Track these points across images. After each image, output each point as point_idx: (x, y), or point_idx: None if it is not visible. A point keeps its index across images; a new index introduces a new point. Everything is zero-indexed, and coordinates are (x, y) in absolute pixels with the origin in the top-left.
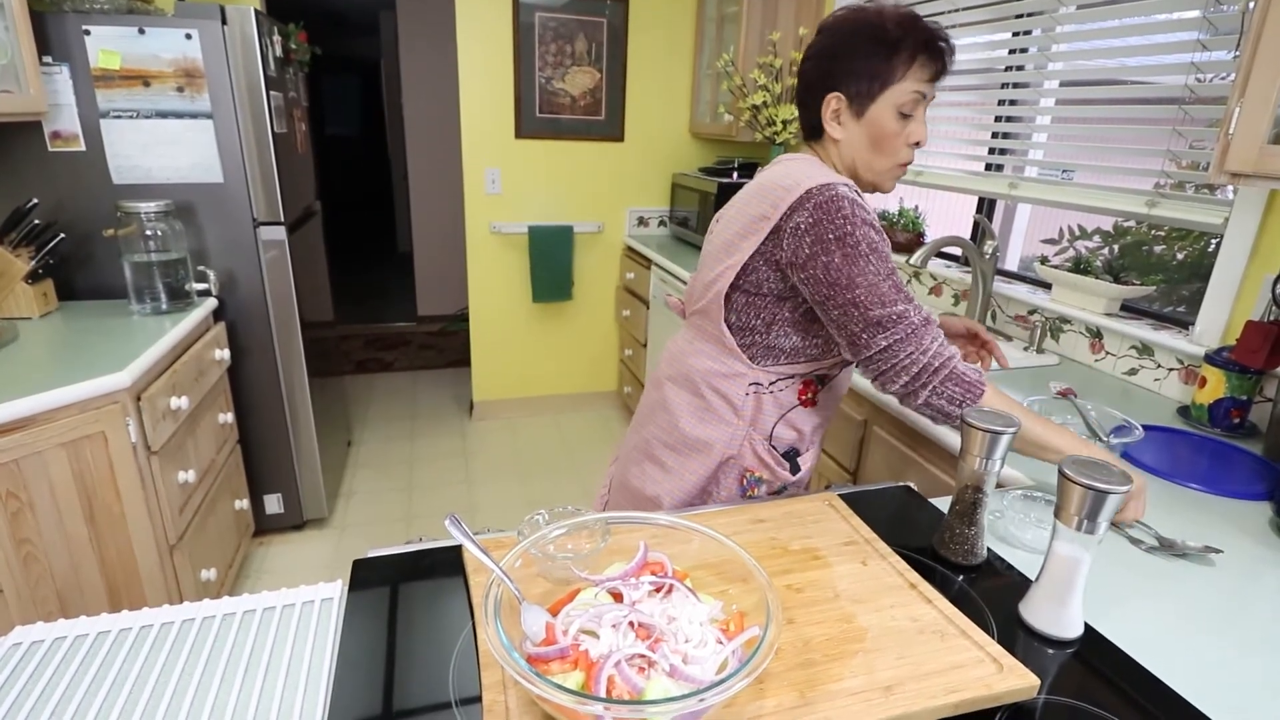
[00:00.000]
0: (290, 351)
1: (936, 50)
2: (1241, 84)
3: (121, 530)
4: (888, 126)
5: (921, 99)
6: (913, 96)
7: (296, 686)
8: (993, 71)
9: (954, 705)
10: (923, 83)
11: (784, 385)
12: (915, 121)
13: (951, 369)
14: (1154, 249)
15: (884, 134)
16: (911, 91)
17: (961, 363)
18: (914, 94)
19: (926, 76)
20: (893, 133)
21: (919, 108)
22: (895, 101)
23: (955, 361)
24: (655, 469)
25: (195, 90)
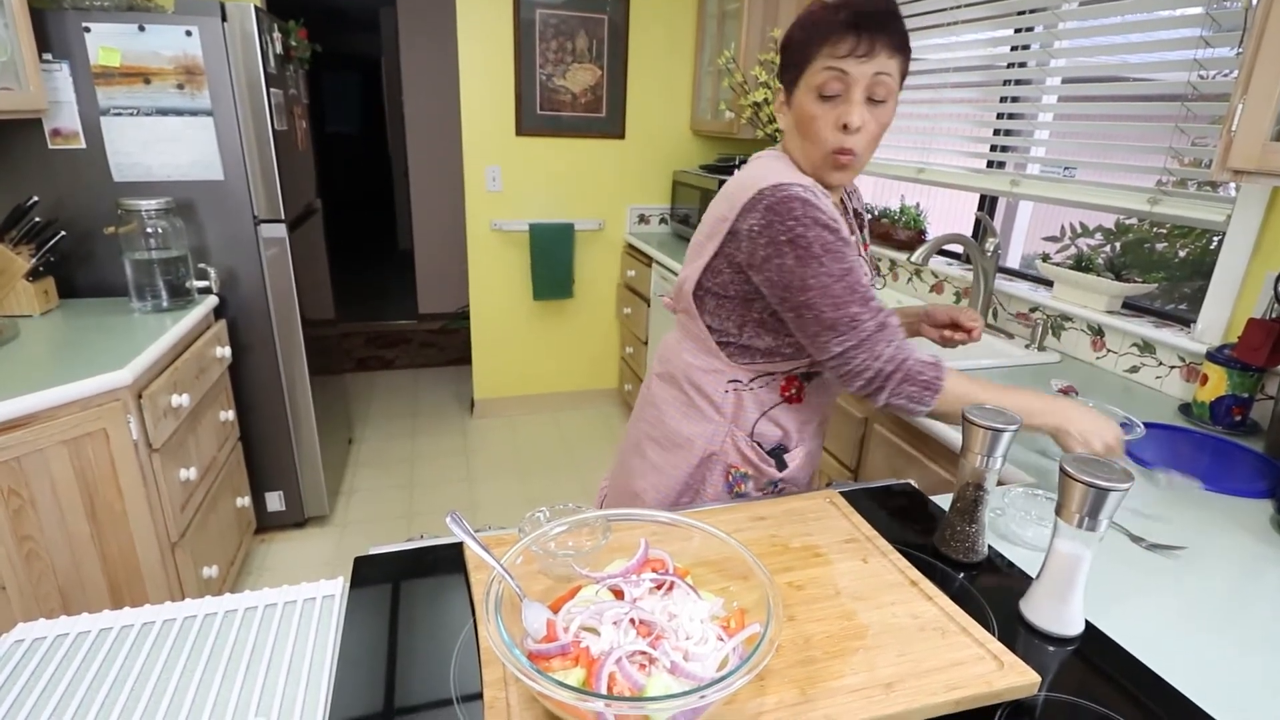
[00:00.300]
0: (291, 349)
1: (848, 24)
2: (1244, 81)
3: (123, 527)
4: (806, 110)
5: (841, 76)
6: (827, 75)
7: (298, 683)
8: (995, 68)
9: (954, 702)
10: (837, 59)
11: (764, 383)
12: (844, 103)
13: (906, 371)
14: (1156, 246)
15: (804, 118)
16: (823, 69)
17: (918, 362)
18: (827, 71)
19: (841, 53)
20: (811, 116)
21: (850, 89)
22: (812, 83)
23: (910, 363)
24: (642, 464)
25: (195, 87)
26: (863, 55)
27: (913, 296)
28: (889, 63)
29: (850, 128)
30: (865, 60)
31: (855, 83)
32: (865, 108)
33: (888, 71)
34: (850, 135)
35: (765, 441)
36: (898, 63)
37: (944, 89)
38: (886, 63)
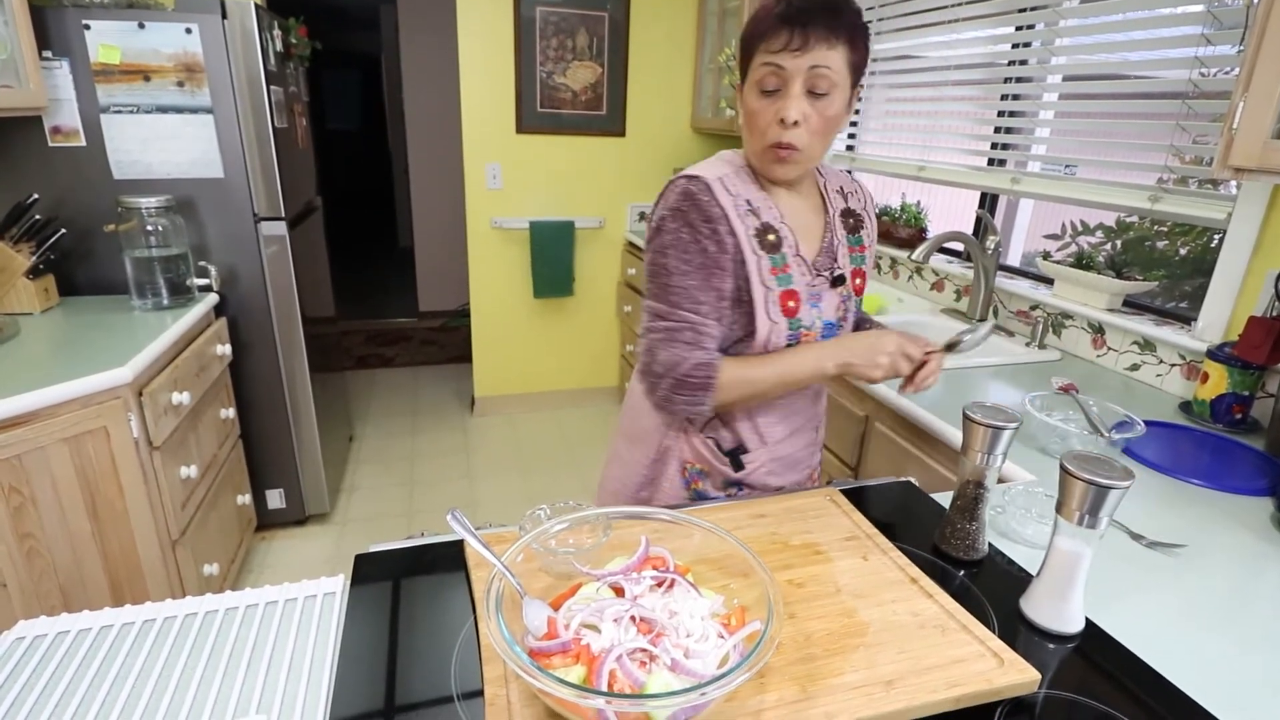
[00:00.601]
0: (291, 347)
1: (781, 18)
2: (1245, 79)
3: (124, 525)
4: (749, 105)
5: (777, 71)
6: (764, 70)
7: (299, 681)
8: (996, 66)
9: (954, 699)
10: (772, 54)
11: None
12: (784, 98)
13: (677, 377)
14: (1157, 244)
15: (748, 113)
16: (762, 65)
17: (692, 366)
18: (764, 67)
19: (775, 48)
20: (752, 110)
21: (787, 83)
22: (754, 79)
23: (682, 369)
24: (612, 456)
25: (195, 85)
26: (796, 49)
27: (914, 294)
28: (828, 55)
29: (786, 122)
30: (799, 54)
31: (792, 77)
32: (805, 102)
33: (826, 64)
34: (789, 130)
35: (724, 441)
36: (840, 54)
37: (945, 86)
38: (825, 55)
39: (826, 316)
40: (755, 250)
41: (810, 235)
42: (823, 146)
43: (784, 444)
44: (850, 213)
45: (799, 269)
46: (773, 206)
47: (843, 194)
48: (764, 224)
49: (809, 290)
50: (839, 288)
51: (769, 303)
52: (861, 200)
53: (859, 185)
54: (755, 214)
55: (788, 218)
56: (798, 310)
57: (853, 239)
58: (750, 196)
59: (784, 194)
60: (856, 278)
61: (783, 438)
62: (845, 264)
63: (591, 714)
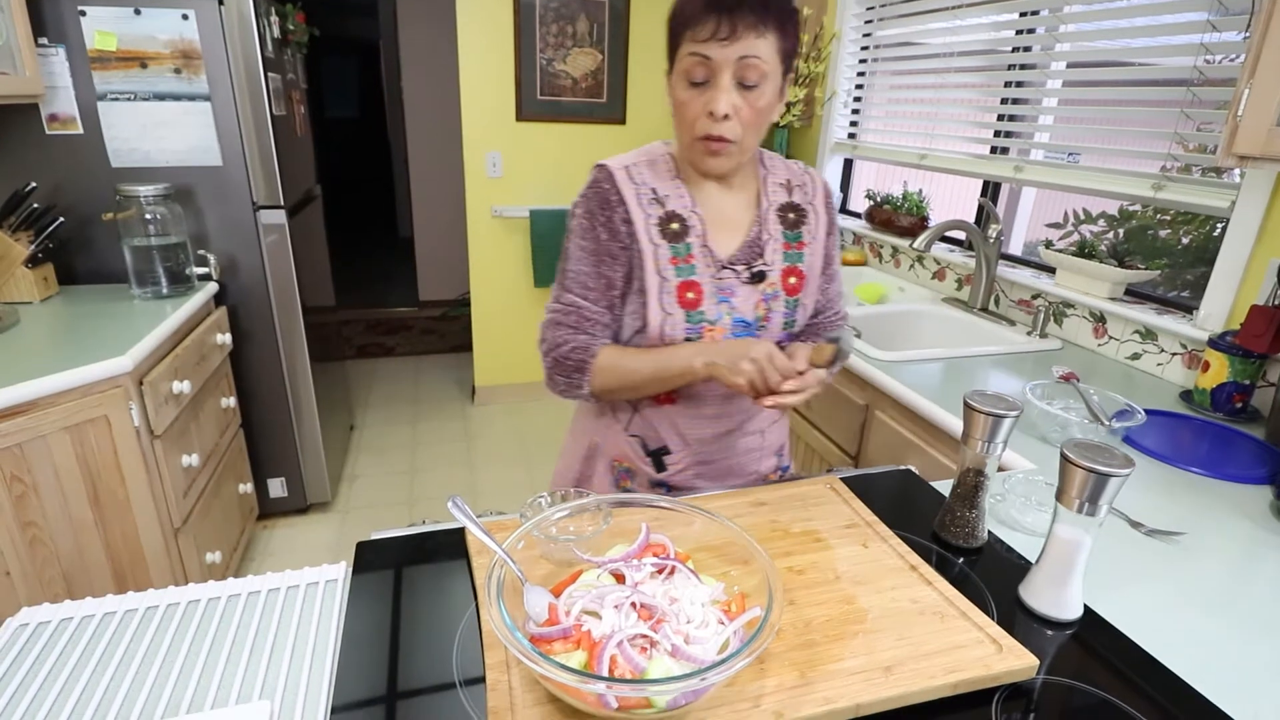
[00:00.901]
0: (292, 336)
1: (707, 6)
2: (1251, 65)
3: (126, 513)
4: (676, 95)
5: (704, 62)
6: (691, 61)
7: (301, 667)
8: (999, 53)
9: (953, 685)
10: (699, 44)
11: None
12: (713, 89)
13: (554, 358)
14: (1159, 233)
15: (676, 104)
16: (689, 55)
17: (571, 349)
18: (691, 57)
19: (702, 37)
20: (680, 101)
21: (716, 74)
22: (681, 68)
23: (562, 350)
24: (561, 450)
25: (193, 72)
26: (724, 39)
27: (915, 283)
28: (757, 44)
29: (716, 115)
30: (728, 43)
31: (720, 68)
32: (736, 93)
33: (755, 54)
34: (719, 123)
35: (649, 441)
36: (769, 43)
37: (947, 74)
38: (754, 44)
39: (741, 314)
40: (653, 239)
41: (732, 228)
42: (756, 137)
43: (712, 447)
44: (792, 206)
45: (704, 260)
46: (684, 195)
47: (787, 187)
48: (669, 213)
49: (715, 284)
50: (759, 284)
51: (664, 293)
52: (810, 194)
53: (811, 178)
54: (660, 203)
55: (705, 208)
56: (699, 303)
57: (790, 235)
58: (658, 185)
59: (708, 185)
60: (791, 276)
61: (709, 440)
62: (775, 261)
63: (593, 699)
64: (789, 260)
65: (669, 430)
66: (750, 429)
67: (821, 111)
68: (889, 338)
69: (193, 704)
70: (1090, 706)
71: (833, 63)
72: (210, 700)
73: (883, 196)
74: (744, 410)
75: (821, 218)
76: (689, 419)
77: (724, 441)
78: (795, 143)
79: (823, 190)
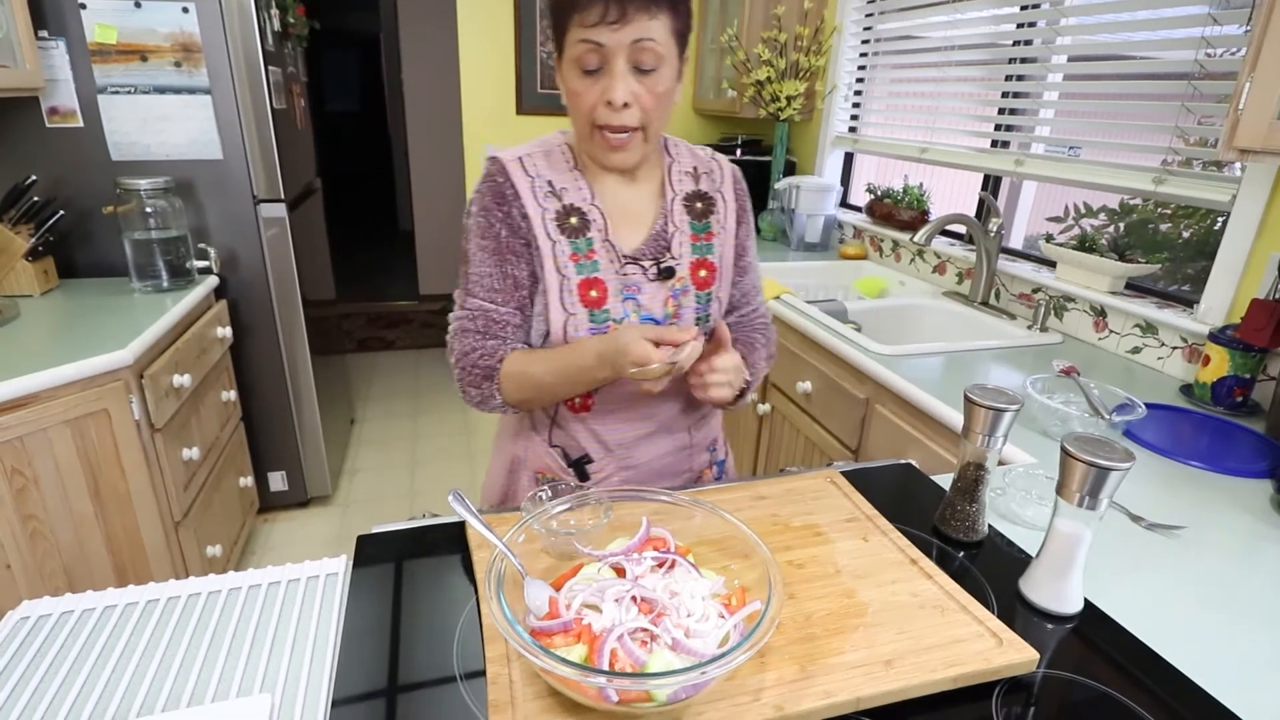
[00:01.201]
0: (292, 329)
1: None
2: (1252, 59)
3: (127, 507)
4: (569, 85)
5: (596, 49)
6: (582, 48)
7: (302, 660)
8: (999, 46)
9: (953, 679)
10: (588, 29)
11: None
12: (607, 77)
13: (463, 368)
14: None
15: (569, 94)
16: (578, 42)
17: (478, 358)
18: (582, 44)
19: (591, 21)
20: (574, 92)
21: (609, 60)
22: (571, 55)
23: (469, 360)
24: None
25: (193, 65)
26: (614, 22)
27: (915, 277)
28: (650, 25)
29: (615, 104)
30: (619, 27)
31: (614, 53)
32: (633, 79)
33: (649, 36)
34: (619, 112)
35: (570, 450)
36: (663, 23)
37: (948, 67)
38: (647, 26)
39: (650, 311)
40: (551, 235)
41: (636, 221)
42: (659, 124)
43: (636, 451)
44: (700, 195)
45: (607, 256)
46: (583, 188)
47: (694, 175)
48: (567, 206)
49: (620, 280)
50: (667, 280)
51: (564, 291)
52: (717, 181)
53: (720, 164)
54: (557, 196)
55: (606, 201)
56: (603, 301)
57: (698, 225)
58: (555, 178)
59: (609, 176)
60: (701, 269)
61: (631, 444)
62: (684, 254)
63: (593, 693)
64: (698, 253)
65: (588, 438)
66: (675, 428)
67: (822, 105)
68: (889, 332)
69: (193, 697)
70: (1090, 700)
71: (833, 56)
72: (211, 694)
73: (883, 190)
74: (664, 409)
75: (730, 206)
76: (607, 425)
77: (647, 444)
78: (796, 136)
79: (731, 176)
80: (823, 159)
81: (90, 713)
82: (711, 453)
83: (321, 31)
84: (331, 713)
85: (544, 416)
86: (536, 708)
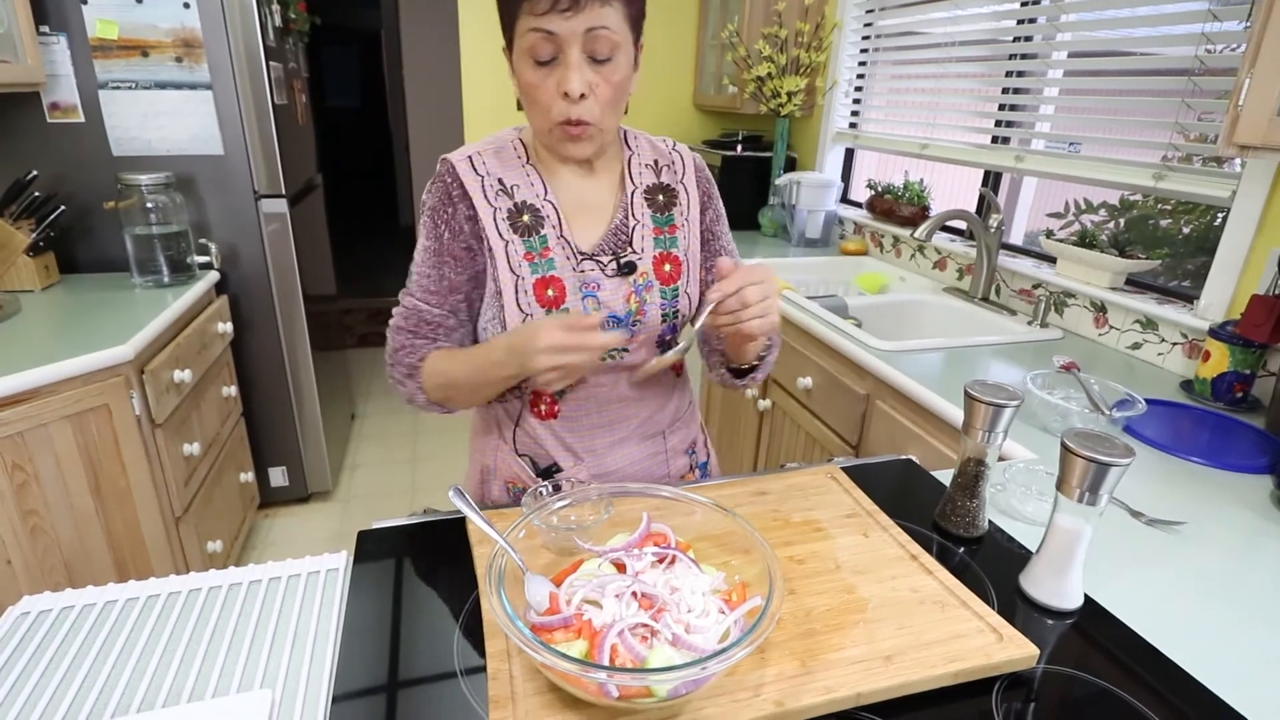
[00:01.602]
0: (293, 325)
1: None
2: (1252, 55)
3: (127, 502)
4: (523, 77)
5: (549, 38)
6: (534, 38)
7: (303, 656)
8: (1000, 42)
9: (954, 674)
10: (538, 17)
11: (513, 394)
12: (562, 67)
13: (391, 363)
14: (1160, 223)
15: (524, 86)
16: (530, 31)
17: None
18: (533, 35)
19: (541, 9)
20: (529, 84)
21: (563, 50)
22: (523, 46)
23: (396, 356)
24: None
25: (194, 61)
26: (566, 10)
27: (916, 273)
28: (603, 12)
29: (571, 95)
30: (571, 15)
31: (567, 42)
32: (589, 69)
33: (603, 24)
34: (576, 104)
35: (538, 459)
36: (616, 10)
37: (949, 63)
38: (600, 13)
39: (611, 309)
40: (504, 234)
41: (594, 216)
42: (616, 115)
43: (608, 458)
44: (661, 188)
45: (563, 253)
46: (536, 183)
47: (655, 168)
48: (519, 204)
49: (578, 278)
50: (629, 276)
51: (520, 292)
52: (679, 172)
53: (681, 154)
54: (508, 194)
55: (561, 196)
56: (561, 300)
57: (660, 219)
58: (505, 175)
59: (565, 170)
60: (665, 263)
61: (601, 451)
62: (646, 248)
63: (594, 688)
64: (661, 246)
65: (556, 446)
66: (648, 432)
67: (823, 101)
68: (890, 328)
69: (194, 693)
70: (1090, 696)
71: (834, 52)
72: (211, 689)
73: (884, 186)
74: (635, 413)
75: (693, 196)
76: (575, 432)
77: (619, 450)
78: (796, 132)
79: (693, 166)
80: (823, 155)
81: (91, 708)
82: (691, 455)
83: (322, 27)
84: (332, 708)
85: (509, 422)
86: (537, 704)
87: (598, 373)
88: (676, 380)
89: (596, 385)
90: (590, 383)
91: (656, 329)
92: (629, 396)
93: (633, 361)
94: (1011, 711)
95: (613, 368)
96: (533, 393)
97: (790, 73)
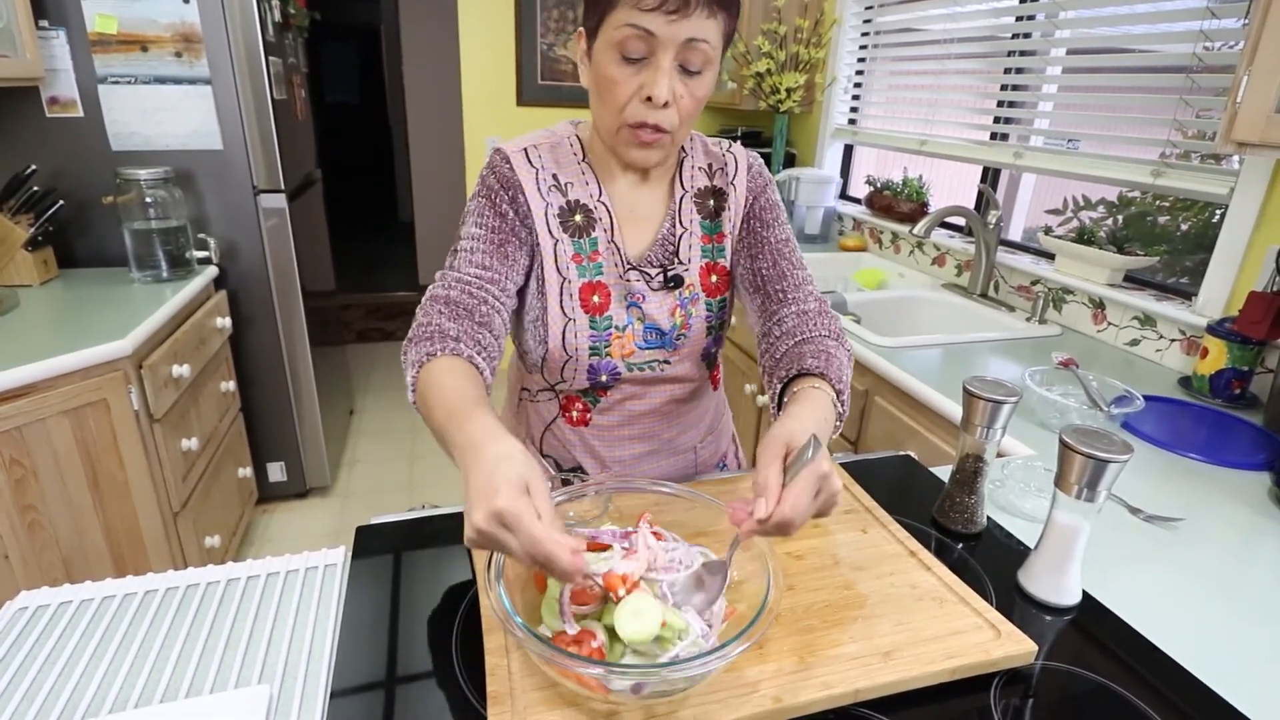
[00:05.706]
0: (292, 320)
1: None
2: (1250, 52)
3: (125, 497)
4: (604, 70)
5: (645, 37)
6: (628, 32)
7: (301, 651)
8: (998, 39)
9: (952, 670)
10: (642, 13)
11: (548, 396)
12: (651, 69)
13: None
14: (1158, 219)
15: (602, 80)
16: (625, 25)
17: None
18: (629, 30)
19: (647, 6)
20: (609, 79)
21: (657, 52)
22: (612, 38)
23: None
24: None
25: (193, 56)
26: (673, 12)
27: (915, 269)
28: (707, 24)
29: (656, 101)
30: (677, 19)
31: (663, 46)
32: (677, 77)
33: (704, 37)
34: (658, 111)
35: (562, 462)
36: (718, 24)
37: (948, 60)
38: (704, 25)
39: (655, 321)
40: (553, 232)
41: (644, 223)
42: (689, 129)
43: (633, 468)
44: (713, 192)
45: (611, 260)
46: (591, 183)
47: (708, 171)
48: (571, 202)
49: (624, 287)
50: (675, 290)
51: (565, 294)
52: (731, 174)
53: (735, 156)
54: (562, 191)
55: (614, 199)
56: (605, 307)
57: (709, 226)
58: (560, 171)
59: (619, 173)
60: (711, 274)
61: (630, 461)
62: (693, 258)
63: (594, 684)
64: (708, 256)
65: (583, 452)
66: (681, 446)
67: (822, 97)
68: (888, 324)
69: (191, 688)
70: (1088, 692)
71: (833, 48)
72: (209, 684)
73: (883, 182)
74: (667, 430)
75: (741, 196)
76: (605, 441)
77: (647, 463)
78: (795, 128)
79: (745, 167)
80: (822, 151)
81: (88, 703)
82: (722, 469)
83: (322, 23)
84: (330, 704)
85: (539, 421)
86: (536, 699)
87: (637, 383)
88: (714, 394)
89: (633, 397)
90: (627, 394)
91: (701, 343)
92: (665, 411)
93: (673, 374)
94: (1010, 707)
95: (653, 379)
96: (564, 398)
97: (789, 69)
